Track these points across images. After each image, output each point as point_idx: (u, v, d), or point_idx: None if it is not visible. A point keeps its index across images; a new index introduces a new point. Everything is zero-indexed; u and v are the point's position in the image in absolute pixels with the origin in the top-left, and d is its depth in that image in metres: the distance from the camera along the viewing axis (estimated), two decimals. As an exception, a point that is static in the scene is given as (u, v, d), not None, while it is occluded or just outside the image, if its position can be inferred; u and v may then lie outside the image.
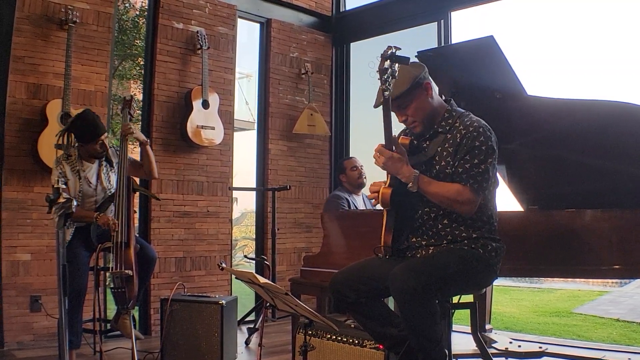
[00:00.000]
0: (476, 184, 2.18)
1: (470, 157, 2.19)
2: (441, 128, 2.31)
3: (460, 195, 2.18)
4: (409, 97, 2.26)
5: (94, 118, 3.32)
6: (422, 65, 2.33)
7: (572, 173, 2.94)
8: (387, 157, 2.20)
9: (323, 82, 5.70)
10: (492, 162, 2.22)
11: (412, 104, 2.28)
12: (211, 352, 3.30)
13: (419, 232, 2.34)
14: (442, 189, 2.20)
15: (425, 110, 2.30)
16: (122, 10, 8.15)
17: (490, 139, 2.23)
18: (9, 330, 3.67)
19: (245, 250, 10.28)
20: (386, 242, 2.27)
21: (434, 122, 2.33)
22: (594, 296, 8.24)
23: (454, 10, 4.89)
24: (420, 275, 2.08)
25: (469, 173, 2.19)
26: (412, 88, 2.25)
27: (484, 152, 2.20)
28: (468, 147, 2.20)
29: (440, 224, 2.28)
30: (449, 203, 2.20)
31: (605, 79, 8.86)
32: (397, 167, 2.19)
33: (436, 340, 2.11)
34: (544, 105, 2.85)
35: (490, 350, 3.19)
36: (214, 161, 4.80)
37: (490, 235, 2.28)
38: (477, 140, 2.20)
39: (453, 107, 2.36)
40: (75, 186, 3.32)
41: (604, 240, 2.67)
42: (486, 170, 2.20)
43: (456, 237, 2.26)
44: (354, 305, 2.33)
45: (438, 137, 2.31)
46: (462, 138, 2.23)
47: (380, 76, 2.10)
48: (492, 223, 2.31)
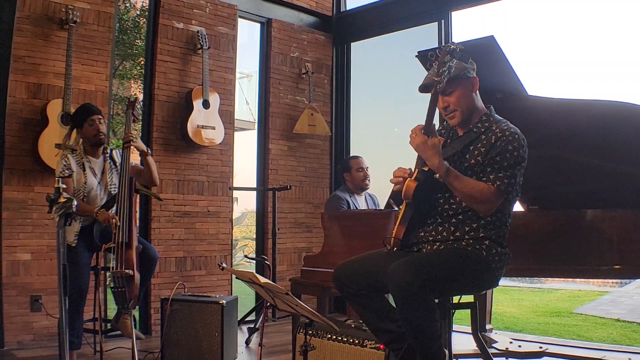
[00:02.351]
0: (503, 186, 2.19)
1: (501, 159, 2.21)
2: (476, 128, 2.33)
3: (484, 195, 2.18)
4: (456, 84, 2.28)
5: (89, 104, 3.54)
6: (473, 62, 2.37)
7: (572, 173, 2.94)
8: (422, 141, 2.19)
9: (323, 82, 5.70)
10: (520, 170, 2.24)
11: (457, 92, 2.30)
12: (211, 352, 3.30)
13: (429, 227, 2.34)
14: (468, 185, 2.20)
15: (468, 103, 2.32)
16: (122, 10, 8.15)
17: (523, 147, 2.25)
18: (9, 330, 3.67)
19: (246, 250, 10.28)
20: (397, 234, 2.27)
21: (471, 119, 2.35)
22: (594, 296, 8.24)
23: (455, 10, 4.89)
24: (418, 271, 2.08)
25: (497, 175, 2.20)
26: (461, 77, 2.28)
27: (515, 157, 2.21)
28: (501, 149, 2.21)
29: (454, 219, 2.28)
30: (471, 200, 2.20)
31: (606, 79, 8.86)
32: (429, 153, 2.18)
33: (434, 338, 2.10)
34: (544, 105, 2.85)
35: (490, 350, 3.18)
36: (215, 161, 4.80)
37: (497, 239, 2.27)
38: (511, 144, 2.22)
39: (492, 112, 2.37)
40: (80, 178, 3.32)
41: (605, 240, 2.66)
42: (513, 176, 2.21)
43: (464, 234, 2.26)
44: (355, 297, 2.34)
45: (471, 135, 2.32)
46: (496, 140, 2.24)
47: (439, 68, 2.15)
48: (504, 228, 2.30)
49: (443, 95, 2.30)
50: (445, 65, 2.14)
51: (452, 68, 2.16)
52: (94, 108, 3.45)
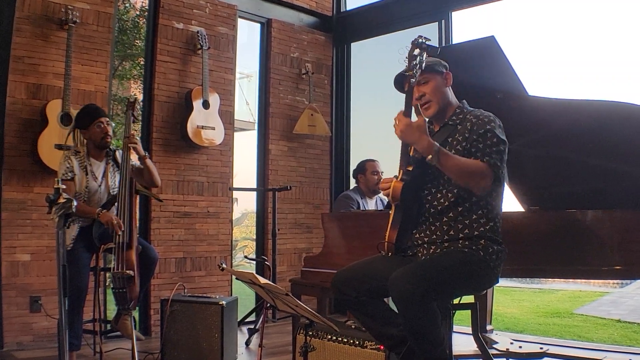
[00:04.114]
0: (492, 160, 2.17)
1: (483, 139, 2.21)
2: (451, 121, 2.34)
3: (479, 168, 2.16)
4: (430, 73, 2.31)
5: (95, 105, 3.49)
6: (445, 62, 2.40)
7: (573, 173, 2.94)
8: (407, 123, 2.15)
9: (324, 82, 5.69)
10: (504, 150, 2.23)
11: (432, 82, 2.33)
12: (211, 352, 3.29)
13: (422, 227, 2.34)
14: (461, 161, 2.18)
15: (442, 95, 2.35)
16: (122, 10, 8.15)
17: (500, 127, 2.26)
18: (8, 331, 3.67)
19: (246, 251, 10.27)
20: (390, 238, 2.26)
21: (445, 113, 2.36)
22: (595, 297, 8.23)
23: (455, 10, 4.89)
24: (419, 279, 2.07)
25: (484, 151, 2.19)
26: (434, 68, 2.32)
27: (496, 135, 2.21)
28: (480, 131, 2.22)
29: (446, 217, 2.27)
30: (466, 176, 2.17)
31: (606, 79, 8.86)
32: (416, 135, 2.13)
33: (438, 343, 2.10)
34: (545, 105, 2.84)
35: (491, 351, 3.17)
36: (214, 161, 4.80)
37: (492, 236, 2.26)
38: (489, 125, 2.23)
39: (464, 105, 2.40)
40: (82, 182, 3.31)
41: (606, 241, 2.65)
42: (499, 152, 2.20)
43: (458, 233, 2.25)
44: (354, 304, 2.33)
45: (448, 128, 2.33)
46: (472, 125, 2.25)
47: (409, 62, 2.15)
48: (496, 223, 2.29)
49: (418, 85, 2.31)
50: (416, 59, 2.13)
51: (424, 62, 2.16)
52: (101, 110, 3.42)
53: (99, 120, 3.33)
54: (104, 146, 3.38)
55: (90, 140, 3.37)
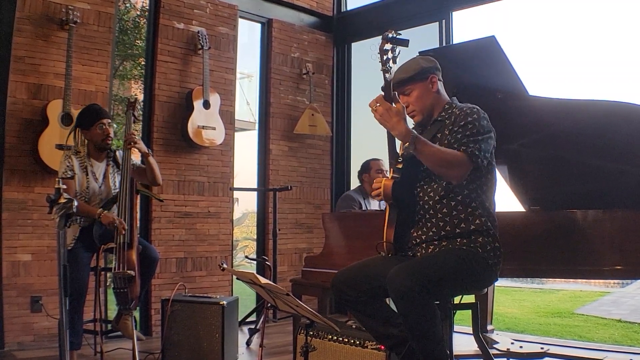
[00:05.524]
0: (469, 150, 2.17)
1: (463, 130, 2.22)
2: (440, 117, 2.36)
3: (456, 158, 2.17)
4: (411, 85, 2.33)
5: (98, 105, 3.47)
6: (434, 61, 2.39)
7: (573, 173, 2.94)
8: (386, 108, 2.15)
9: (324, 82, 5.69)
10: (487, 140, 2.23)
11: (414, 92, 2.34)
12: (212, 352, 3.29)
13: (419, 224, 2.34)
14: (438, 150, 2.18)
15: (426, 102, 2.35)
16: (122, 10, 8.15)
17: (483, 118, 2.25)
18: (9, 331, 3.67)
19: (247, 251, 10.28)
20: (388, 238, 2.26)
21: (433, 113, 2.38)
22: (595, 297, 8.23)
23: (456, 10, 4.89)
24: (418, 276, 2.07)
25: (461, 141, 2.20)
26: (416, 77, 2.32)
27: (476, 127, 2.21)
28: (462, 123, 2.23)
29: (440, 213, 2.27)
30: (443, 164, 2.17)
31: (606, 79, 8.86)
32: (393, 121, 2.14)
33: (437, 341, 2.10)
34: (545, 105, 2.84)
35: (491, 351, 3.18)
36: (215, 161, 4.80)
37: (488, 232, 2.26)
38: (470, 116, 2.24)
39: (454, 101, 2.40)
40: (82, 182, 3.31)
41: (606, 241, 2.65)
42: (479, 142, 2.19)
43: (454, 229, 2.25)
44: (355, 304, 2.33)
45: (437, 124, 2.35)
46: (456, 117, 2.28)
47: (381, 57, 2.16)
48: (490, 218, 2.29)
49: (403, 95, 2.33)
50: (387, 53, 2.14)
51: (397, 56, 2.17)
52: (104, 111, 3.42)
53: (101, 122, 3.33)
54: (104, 147, 3.38)
55: (90, 141, 3.37)
